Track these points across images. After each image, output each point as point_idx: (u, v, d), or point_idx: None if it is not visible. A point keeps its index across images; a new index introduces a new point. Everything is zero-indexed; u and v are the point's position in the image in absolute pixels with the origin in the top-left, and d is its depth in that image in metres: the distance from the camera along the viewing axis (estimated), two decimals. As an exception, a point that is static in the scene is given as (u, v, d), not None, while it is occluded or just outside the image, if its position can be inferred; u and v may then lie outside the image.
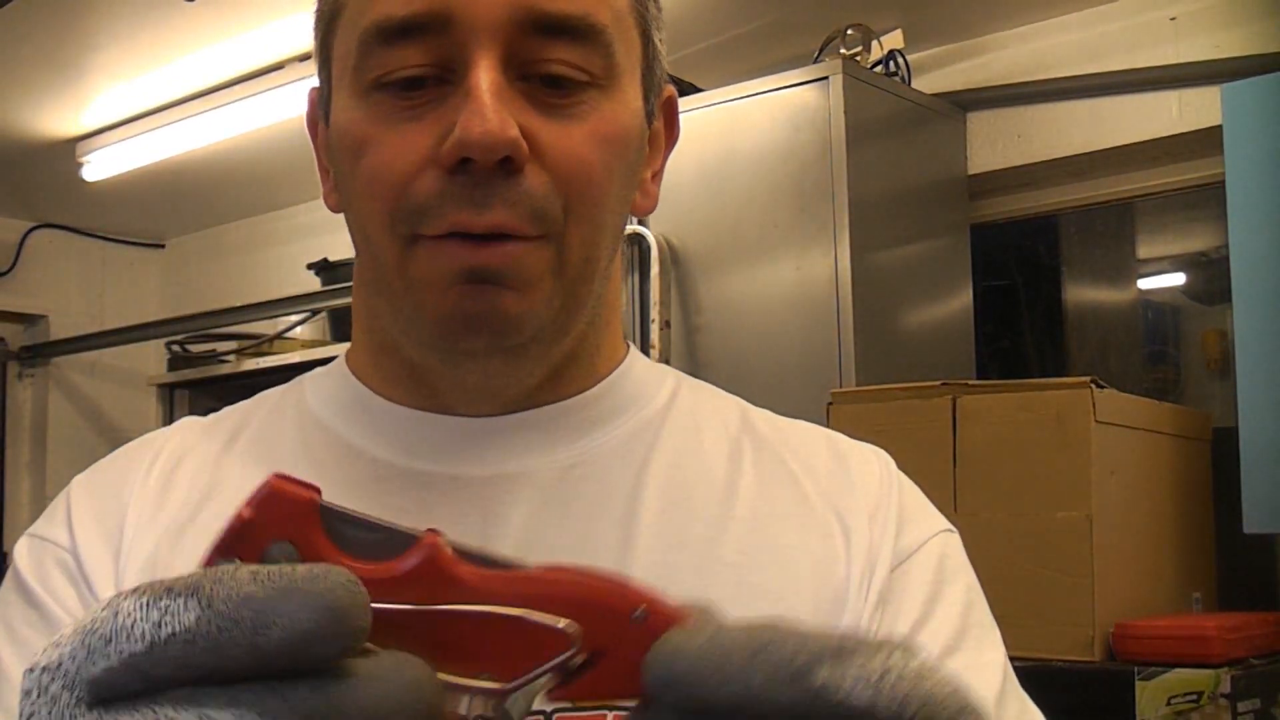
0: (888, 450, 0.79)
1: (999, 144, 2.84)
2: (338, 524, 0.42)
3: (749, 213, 2.57)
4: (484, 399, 0.72)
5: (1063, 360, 2.96)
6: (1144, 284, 3.00)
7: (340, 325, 3.58)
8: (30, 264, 4.41)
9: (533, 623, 0.41)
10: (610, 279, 0.74)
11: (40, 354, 4.43)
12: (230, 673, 0.38)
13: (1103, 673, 1.93)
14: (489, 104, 0.63)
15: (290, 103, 3.02)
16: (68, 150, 3.58)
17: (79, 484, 0.76)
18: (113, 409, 4.51)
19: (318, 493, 0.42)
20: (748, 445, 0.76)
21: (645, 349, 2.53)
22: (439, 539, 0.42)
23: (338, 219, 0.75)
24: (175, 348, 3.99)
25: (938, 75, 2.89)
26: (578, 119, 0.67)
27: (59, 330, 4.45)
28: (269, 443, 0.76)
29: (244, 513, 0.41)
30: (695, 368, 2.55)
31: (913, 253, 2.71)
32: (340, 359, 0.79)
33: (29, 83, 3.16)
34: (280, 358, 3.60)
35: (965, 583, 0.74)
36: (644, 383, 0.78)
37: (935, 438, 2.10)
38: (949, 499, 2.07)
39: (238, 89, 3.11)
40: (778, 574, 0.70)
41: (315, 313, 3.65)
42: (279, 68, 3.01)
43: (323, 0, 0.72)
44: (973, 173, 2.86)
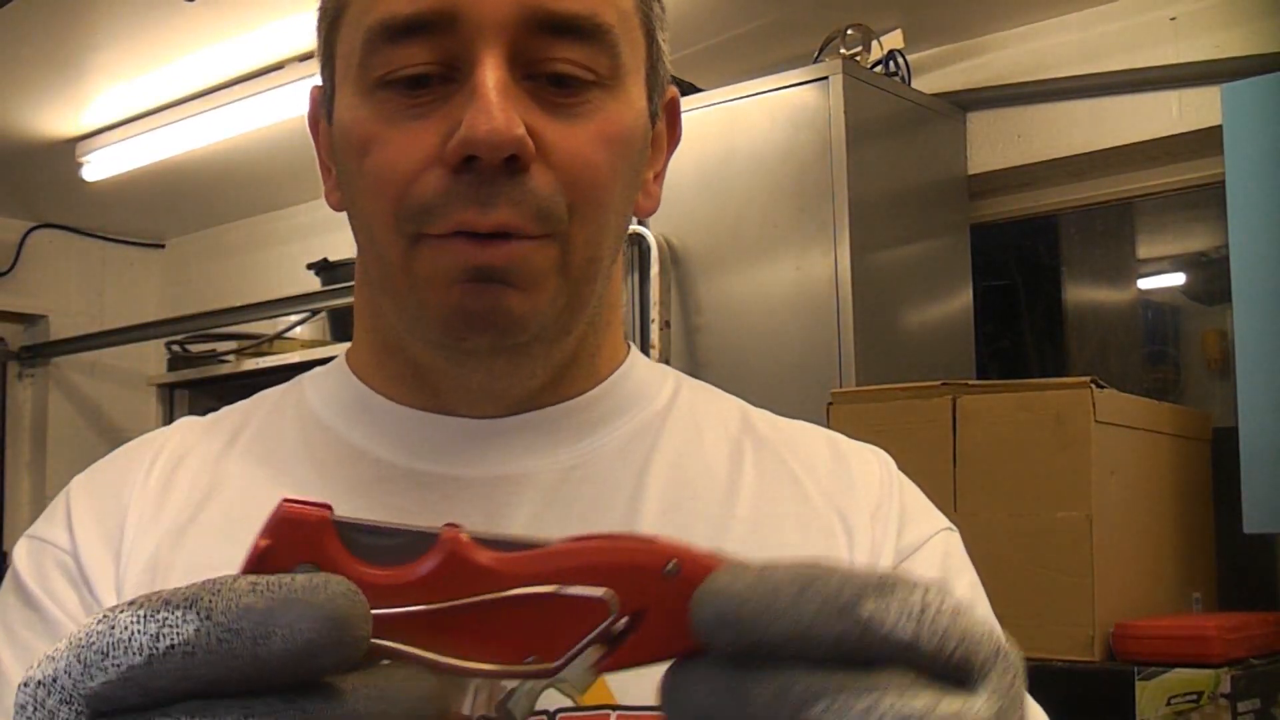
0: (888, 450, 0.80)
1: (999, 144, 2.84)
2: (355, 535, 0.42)
3: (749, 213, 2.57)
4: (487, 400, 0.72)
5: (1063, 360, 2.96)
6: (1144, 284, 3.00)
7: (340, 325, 3.58)
8: (30, 264, 4.41)
9: (569, 596, 0.41)
10: (611, 279, 0.74)
11: (40, 354, 4.43)
12: (231, 684, 0.38)
13: (1103, 673, 1.93)
14: (495, 102, 0.63)
15: (290, 103, 3.02)
16: (68, 150, 3.58)
17: (78, 484, 0.75)
18: (113, 409, 4.51)
19: (329, 509, 0.42)
20: (748, 445, 0.76)
21: (645, 349, 2.53)
22: (459, 533, 0.42)
23: (338, 219, 0.75)
24: (175, 348, 3.99)
25: (938, 75, 2.89)
26: (583, 118, 0.66)
27: (59, 330, 4.45)
28: (270, 443, 0.75)
29: (260, 543, 0.41)
30: (695, 368, 2.55)
31: (913, 253, 2.71)
32: (340, 359, 0.79)
33: (29, 83, 3.16)
34: (280, 358, 3.60)
35: (968, 580, 0.75)
36: (645, 383, 0.78)
37: (935, 438, 2.10)
38: (949, 499, 2.07)
39: (238, 89, 3.11)
40: None
41: (315, 313, 3.65)
42: (279, 68, 3.01)
43: None
44: (972, 173, 2.86)
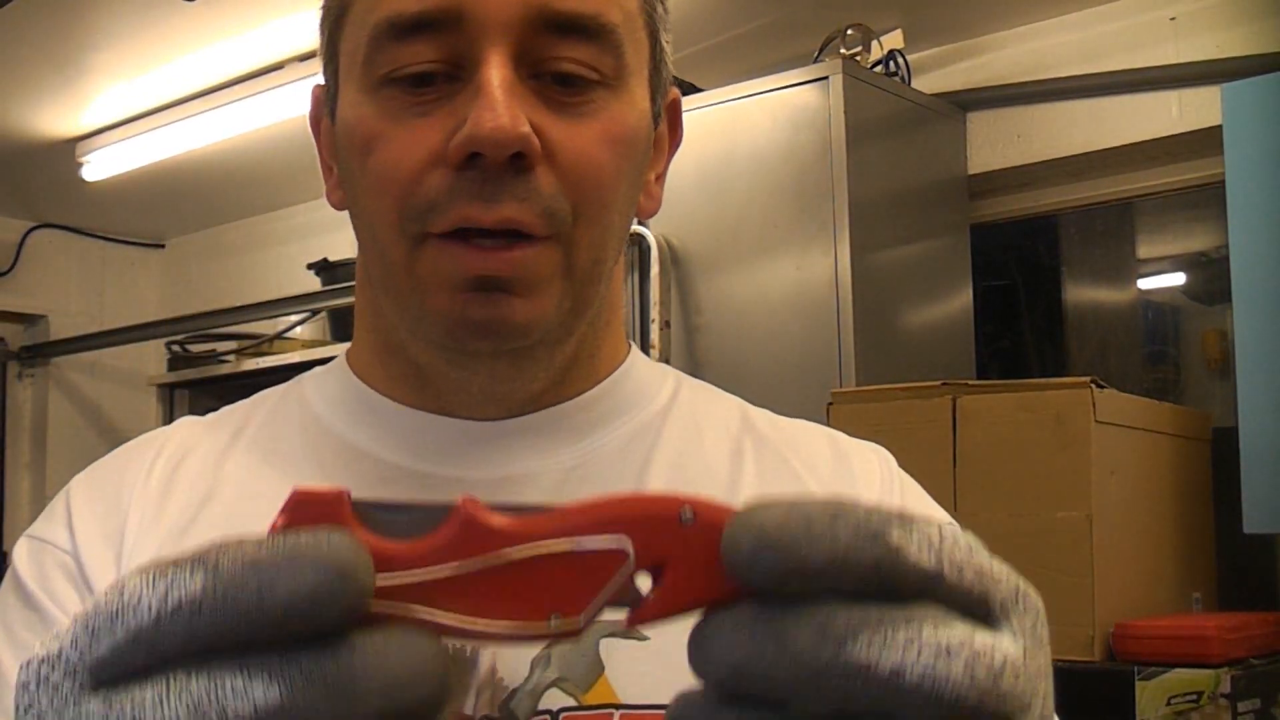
0: (888, 449, 0.80)
1: (999, 144, 2.84)
2: (372, 512, 0.42)
3: (749, 213, 2.57)
4: (489, 402, 0.72)
5: (1063, 360, 2.96)
6: (1144, 284, 3.00)
7: (340, 325, 3.58)
8: (30, 264, 4.41)
9: (585, 550, 0.41)
10: (613, 280, 0.73)
11: (40, 354, 4.43)
12: (237, 639, 0.38)
13: (1103, 673, 1.93)
14: (501, 99, 0.63)
15: (290, 103, 3.02)
16: (68, 150, 3.58)
17: (78, 484, 0.75)
18: (113, 409, 4.51)
19: (346, 490, 0.42)
20: (749, 444, 0.76)
21: (645, 349, 2.52)
22: (475, 501, 0.42)
23: (338, 219, 0.74)
24: (175, 348, 3.99)
25: (938, 75, 2.89)
26: (587, 118, 0.66)
27: (59, 330, 4.45)
28: (271, 443, 0.75)
29: (278, 521, 0.41)
30: (695, 368, 2.55)
31: (912, 253, 2.71)
32: (341, 358, 0.79)
33: (29, 83, 3.16)
34: (280, 358, 3.60)
35: None
36: (645, 383, 0.78)
37: (935, 438, 2.10)
38: (949, 499, 2.07)
39: (238, 89, 3.11)
40: None
41: (315, 313, 3.65)
42: (279, 68, 3.01)
43: None
44: (972, 173, 2.86)
